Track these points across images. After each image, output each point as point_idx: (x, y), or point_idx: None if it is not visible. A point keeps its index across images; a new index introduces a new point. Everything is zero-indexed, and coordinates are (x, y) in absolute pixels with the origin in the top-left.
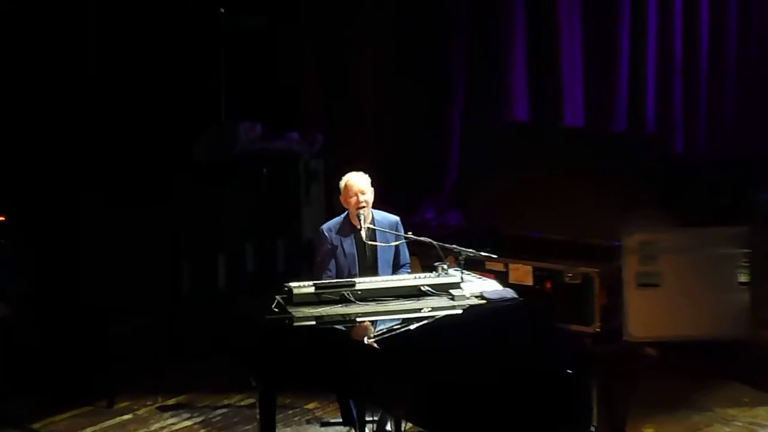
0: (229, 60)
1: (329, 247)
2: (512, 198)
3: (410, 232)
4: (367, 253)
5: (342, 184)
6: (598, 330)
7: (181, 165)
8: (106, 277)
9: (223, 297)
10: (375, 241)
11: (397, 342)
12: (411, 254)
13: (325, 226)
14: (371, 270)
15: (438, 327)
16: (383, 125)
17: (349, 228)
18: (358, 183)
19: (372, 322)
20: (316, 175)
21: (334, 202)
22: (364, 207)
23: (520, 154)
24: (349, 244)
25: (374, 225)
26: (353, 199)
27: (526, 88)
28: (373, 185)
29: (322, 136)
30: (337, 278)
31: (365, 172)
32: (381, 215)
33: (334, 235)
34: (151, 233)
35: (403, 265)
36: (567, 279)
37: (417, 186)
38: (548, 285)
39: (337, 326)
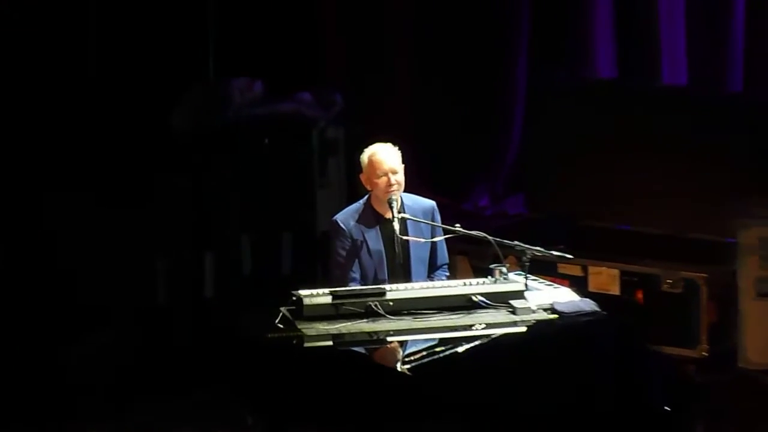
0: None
1: (350, 242)
2: (593, 180)
3: (458, 225)
4: (397, 251)
5: (365, 158)
6: (705, 354)
7: (156, 137)
8: (57, 283)
9: (211, 308)
10: (407, 234)
11: (439, 369)
12: (459, 253)
13: (339, 216)
14: (402, 273)
15: (494, 350)
16: (422, 84)
17: (374, 217)
18: (388, 158)
19: (405, 342)
20: (334, 147)
21: (357, 182)
22: (396, 190)
23: (604, 122)
24: (374, 239)
25: (405, 212)
26: (382, 180)
27: (612, 37)
28: (404, 161)
29: (341, 98)
30: (361, 283)
31: (395, 145)
32: (411, 200)
33: (353, 227)
34: (117, 225)
35: (441, 267)
36: (665, 287)
37: (467, 164)
38: (640, 295)
39: (360, 348)
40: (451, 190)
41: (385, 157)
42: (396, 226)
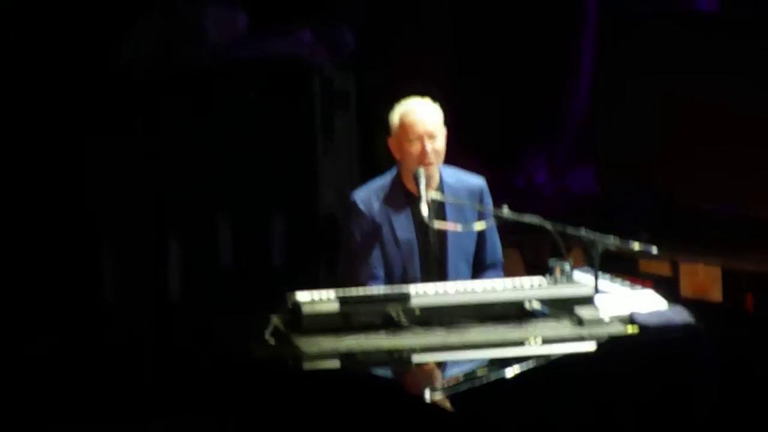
0: None
1: (369, 228)
2: (687, 145)
3: (506, 206)
4: (432, 241)
5: (396, 118)
6: None
7: (97, 84)
8: None
9: (177, 315)
10: (445, 219)
11: (483, 399)
12: (508, 245)
13: (360, 194)
14: (437, 270)
15: (554, 375)
16: (463, 16)
17: (404, 197)
18: (426, 119)
19: (440, 363)
20: (343, 101)
21: (376, 149)
22: (432, 162)
23: (702, 70)
24: (404, 226)
25: (443, 192)
26: (415, 147)
27: None
28: (446, 124)
29: (353, 37)
30: (385, 281)
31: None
32: (454, 176)
33: (378, 210)
34: (43, 208)
35: (492, 265)
36: None
37: (520, 128)
38: (750, 301)
39: (378, 370)
40: (498, 159)
41: (422, 116)
42: (423, 209)
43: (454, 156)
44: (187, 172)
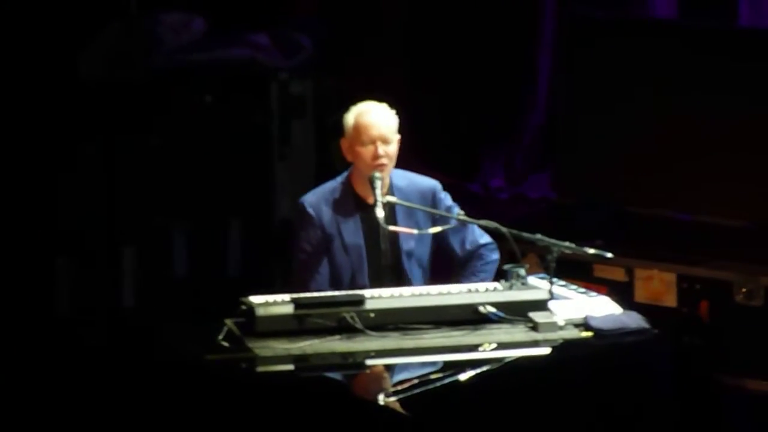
0: None
1: (319, 233)
2: (643, 153)
3: (461, 212)
4: (383, 247)
5: (350, 120)
6: None
7: (55, 90)
8: None
9: (131, 321)
10: (397, 224)
11: (435, 403)
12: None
13: (309, 198)
14: (392, 276)
15: (508, 379)
16: (420, 21)
17: (354, 202)
18: (381, 123)
19: (391, 367)
20: (300, 106)
21: (332, 154)
22: (385, 165)
23: (659, 75)
24: (352, 231)
25: (394, 195)
26: (367, 150)
27: None
28: (403, 130)
29: (310, 41)
30: (333, 288)
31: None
32: (406, 179)
33: (326, 215)
34: (5, 211)
35: (485, 245)
36: (740, 298)
37: (476, 134)
38: (704, 308)
39: (332, 374)
40: (454, 165)
41: (376, 120)
42: (379, 212)
43: (410, 162)
44: (142, 177)
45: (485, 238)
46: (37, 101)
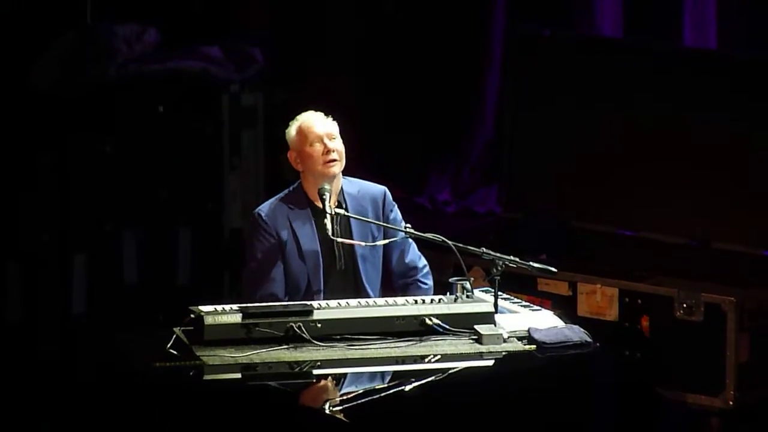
0: None
1: (273, 242)
2: (587, 170)
3: (408, 225)
4: (338, 253)
5: (292, 131)
6: (731, 404)
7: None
8: None
9: (80, 328)
10: (351, 231)
11: (380, 412)
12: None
13: (263, 209)
14: (348, 283)
15: (452, 390)
16: (368, 37)
17: (307, 208)
18: (322, 121)
19: (338, 377)
20: (250, 117)
21: (282, 164)
22: (336, 161)
23: (605, 93)
24: (308, 237)
25: (345, 201)
26: (316, 149)
27: None
28: (342, 139)
29: (261, 54)
30: (289, 295)
31: (334, 119)
32: (356, 186)
33: (282, 224)
34: None
35: (415, 270)
36: (680, 313)
37: (423, 147)
38: (645, 322)
39: (279, 383)
40: (401, 178)
41: (317, 119)
42: (328, 224)
43: (358, 174)
44: (94, 185)
45: (422, 261)
46: None
